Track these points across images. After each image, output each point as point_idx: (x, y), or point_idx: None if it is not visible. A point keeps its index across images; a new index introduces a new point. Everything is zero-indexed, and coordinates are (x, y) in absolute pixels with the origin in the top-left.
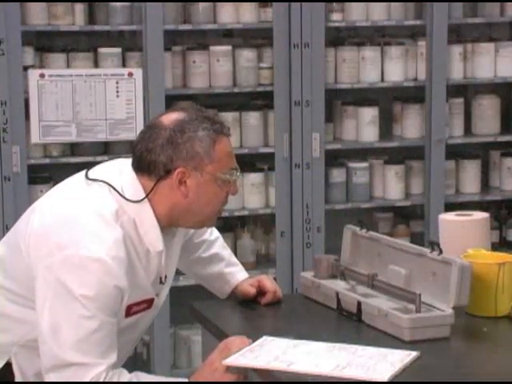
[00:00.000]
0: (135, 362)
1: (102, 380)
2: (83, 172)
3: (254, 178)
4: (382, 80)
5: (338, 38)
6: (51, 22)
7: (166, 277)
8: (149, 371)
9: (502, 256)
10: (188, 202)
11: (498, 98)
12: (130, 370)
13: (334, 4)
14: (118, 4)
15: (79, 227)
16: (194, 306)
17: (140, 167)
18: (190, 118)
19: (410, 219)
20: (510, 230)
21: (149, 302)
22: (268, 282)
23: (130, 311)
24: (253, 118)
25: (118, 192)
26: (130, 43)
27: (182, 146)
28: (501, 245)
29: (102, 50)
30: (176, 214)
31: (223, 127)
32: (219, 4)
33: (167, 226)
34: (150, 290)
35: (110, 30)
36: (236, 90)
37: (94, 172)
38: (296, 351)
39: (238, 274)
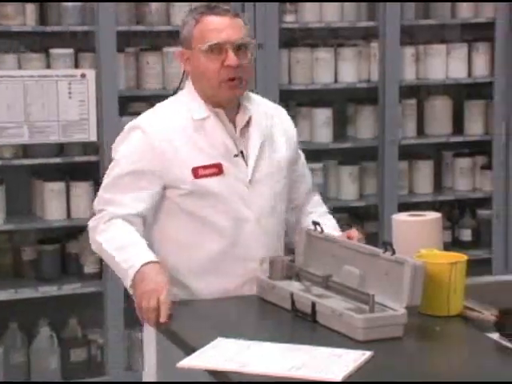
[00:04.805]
0: (89, 365)
1: (103, 220)
2: None
3: None
4: (336, 81)
5: (291, 39)
6: (2, 22)
7: (242, 153)
8: (102, 373)
9: (454, 256)
10: (193, 76)
11: (449, 99)
12: (86, 372)
13: (288, 5)
14: (70, 4)
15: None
16: None
17: None
18: (191, 9)
19: (364, 220)
20: (462, 230)
21: (217, 167)
22: (355, 232)
23: (197, 173)
24: None
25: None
26: (82, 44)
27: (181, 33)
28: (453, 244)
29: (54, 51)
30: (199, 89)
31: (211, 8)
32: (172, 5)
33: (216, 104)
34: (213, 154)
35: (62, 31)
36: None
37: None
38: (250, 352)
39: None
